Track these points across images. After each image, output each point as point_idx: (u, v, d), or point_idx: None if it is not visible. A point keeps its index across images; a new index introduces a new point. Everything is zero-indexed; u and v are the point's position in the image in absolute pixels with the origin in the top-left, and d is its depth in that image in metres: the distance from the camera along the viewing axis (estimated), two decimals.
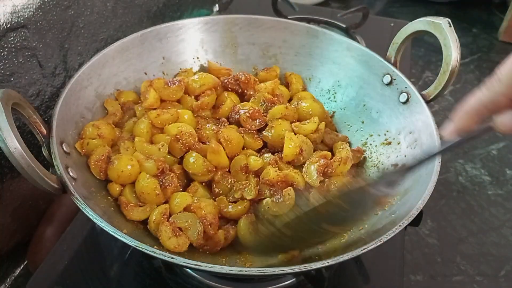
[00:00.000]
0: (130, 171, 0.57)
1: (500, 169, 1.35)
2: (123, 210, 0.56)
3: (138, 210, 0.56)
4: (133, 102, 0.69)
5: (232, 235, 0.57)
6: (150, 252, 0.43)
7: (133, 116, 0.67)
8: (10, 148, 0.43)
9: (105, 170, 0.58)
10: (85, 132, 0.60)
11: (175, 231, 0.53)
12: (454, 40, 0.58)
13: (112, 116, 0.65)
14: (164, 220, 0.54)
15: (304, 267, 0.43)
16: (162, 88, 0.67)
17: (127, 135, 0.64)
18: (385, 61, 0.67)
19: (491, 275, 1.04)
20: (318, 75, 0.76)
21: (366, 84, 0.70)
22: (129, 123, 0.66)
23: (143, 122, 0.63)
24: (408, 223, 0.47)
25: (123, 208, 0.56)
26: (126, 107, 0.68)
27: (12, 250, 0.72)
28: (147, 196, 0.56)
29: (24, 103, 0.51)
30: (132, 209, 0.56)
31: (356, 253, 0.43)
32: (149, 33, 0.71)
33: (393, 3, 2.16)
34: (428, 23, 0.61)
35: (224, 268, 0.44)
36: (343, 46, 0.73)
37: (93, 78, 0.64)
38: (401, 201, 0.54)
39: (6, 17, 0.60)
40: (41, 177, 0.46)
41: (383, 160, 0.64)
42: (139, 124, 0.63)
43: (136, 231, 0.55)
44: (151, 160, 0.58)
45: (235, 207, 0.58)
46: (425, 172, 0.53)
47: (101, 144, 0.59)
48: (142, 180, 0.57)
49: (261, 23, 0.77)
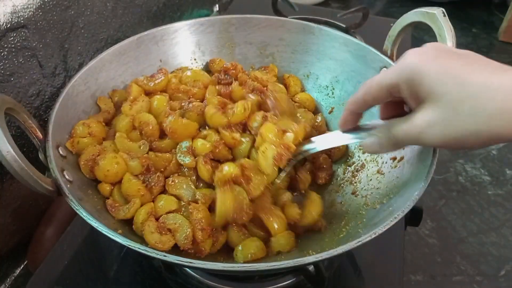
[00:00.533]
0: (117, 169, 0.56)
1: (500, 169, 1.35)
2: (110, 212, 0.55)
3: (123, 209, 0.55)
4: (124, 99, 0.68)
5: (221, 242, 0.55)
6: (142, 251, 0.43)
7: None
8: (2, 152, 0.43)
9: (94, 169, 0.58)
10: (75, 131, 0.59)
11: (161, 229, 0.52)
12: (448, 30, 0.58)
13: (105, 114, 0.65)
14: (152, 218, 0.53)
15: (298, 261, 0.43)
16: (144, 80, 0.67)
17: (114, 132, 0.63)
18: (381, 54, 0.67)
19: (491, 275, 1.05)
20: (315, 72, 0.76)
21: (364, 78, 0.70)
22: (117, 120, 0.65)
23: (123, 119, 0.62)
24: (403, 214, 0.46)
25: (110, 210, 0.55)
26: (118, 105, 0.67)
27: (12, 250, 0.72)
28: (133, 198, 0.55)
29: (19, 108, 0.51)
30: (118, 209, 0.55)
31: (351, 246, 0.43)
32: (145, 36, 0.72)
33: (393, 3, 2.16)
34: (422, 14, 0.61)
35: (217, 264, 0.44)
36: (340, 41, 0.73)
37: (90, 82, 0.64)
38: (399, 194, 0.54)
39: (6, 17, 0.60)
40: (35, 179, 0.46)
41: (382, 154, 0.64)
42: (120, 121, 0.62)
43: (131, 231, 0.55)
44: (135, 159, 0.57)
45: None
46: (423, 164, 0.53)
47: (91, 143, 0.59)
48: (126, 182, 0.56)
49: (257, 22, 0.77)
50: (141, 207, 0.55)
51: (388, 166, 0.61)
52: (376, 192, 0.59)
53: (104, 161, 0.56)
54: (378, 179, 0.61)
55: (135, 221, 0.54)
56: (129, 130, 0.62)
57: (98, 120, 0.63)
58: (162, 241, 0.51)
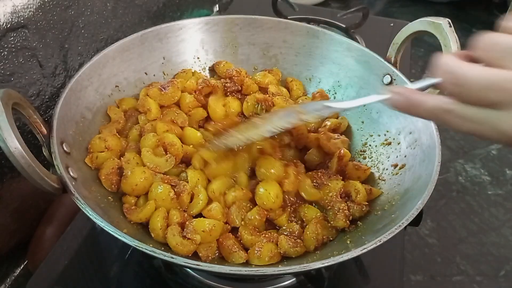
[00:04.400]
0: (144, 183, 0.56)
1: (500, 169, 1.35)
2: (126, 215, 0.55)
3: (137, 211, 0.55)
4: (134, 108, 0.68)
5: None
6: (149, 251, 0.43)
7: (135, 124, 0.67)
8: (10, 148, 0.43)
9: (116, 182, 0.58)
10: (92, 146, 0.60)
11: (186, 235, 0.52)
12: (454, 41, 0.58)
13: (116, 124, 0.65)
14: (177, 225, 0.53)
15: (304, 266, 0.43)
16: (158, 96, 0.67)
17: (133, 144, 0.63)
18: (385, 61, 0.67)
19: (491, 275, 1.05)
20: (318, 75, 0.76)
21: (366, 84, 0.70)
22: (133, 133, 0.65)
23: (150, 138, 0.62)
24: (408, 223, 0.46)
25: (126, 213, 0.55)
26: (128, 114, 0.67)
27: (12, 250, 0.72)
28: (162, 202, 0.55)
29: (24, 103, 0.51)
30: (133, 211, 0.55)
31: (356, 253, 0.43)
32: (150, 33, 0.71)
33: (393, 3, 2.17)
34: (428, 24, 0.61)
35: (223, 268, 0.44)
36: (344, 46, 0.73)
37: (93, 78, 0.64)
38: (401, 201, 0.54)
39: (6, 17, 0.60)
40: (41, 177, 0.46)
41: (383, 160, 0.64)
42: (146, 140, 0.62)
43: (136, 231, 0.55)
44: (158, 176, 0.58)
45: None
46: (425, 172, 0.53)
47: (109, 157, 0.59)
48: (155, 189, 0.56)
49: (262, 23, 0.77)
50: (158, 211, 0.55)
51: (389, 172, 0.61)
52: (377, 198, 0.59)
53: (132, 175, 0.56)
54: (379, 186, 0.61)
55: (154, 228, 0.53)
56: (155, 147, 0.62)
57: (112, 132, 0.63)
58: (183, 244, 0.51)
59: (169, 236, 0.52)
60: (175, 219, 0.54)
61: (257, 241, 0.54)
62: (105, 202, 0.56)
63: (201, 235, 0.52)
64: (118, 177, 0.58)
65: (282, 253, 0.53)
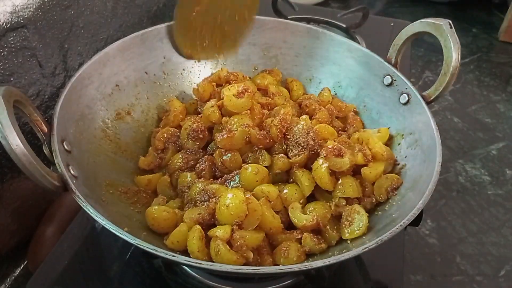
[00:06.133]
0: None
1: (500, 169, 1.35)
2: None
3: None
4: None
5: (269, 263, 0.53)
6: (151, 250, 0.43)
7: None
8: (12, 145, 0.43)
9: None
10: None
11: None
12: (455, 42, 0.58)
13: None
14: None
15: (305, 265, 0.43)
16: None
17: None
18: (385, 62, 0.67)
19: (491, 275, 1.05)
20: (318, 76, 0.76)
21: (367, 85, 0.70)
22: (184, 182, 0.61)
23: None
24: (408, 223, 0.47)
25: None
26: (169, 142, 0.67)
27: (12, 250, 0.72)
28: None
29: (25, 100, 0.51)
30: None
31: (357, 252, 0.44)
32: (150, 33, 0.71)
33: (393, 3, 2.17)
34: (428, 25, 0.61)
35: (225, 266, 0.44)
36: (344, 47, 0.73)
37: (94, 77, 0.64)
38: (402, 201, 0.54)
39: (6, 17, 0.60)
40: (42, 174, 0.46)
41: None
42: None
43: (137, 230, 0.55)
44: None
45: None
46: (425, 173, 0.53)
47: (170, 218, 0.56)
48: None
49: (262, 23, 0.77)
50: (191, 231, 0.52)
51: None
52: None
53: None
54: None
55: (192, 249, 0.51)
56: None
57: (171, 208, 0.58)
58: (201, 250, 0.50)
59: (190, 239, 0.51)
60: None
61: (286, 239, 0.53)
62: (106, 200, 0.56)
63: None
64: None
65: (307, 251, 0.53)
